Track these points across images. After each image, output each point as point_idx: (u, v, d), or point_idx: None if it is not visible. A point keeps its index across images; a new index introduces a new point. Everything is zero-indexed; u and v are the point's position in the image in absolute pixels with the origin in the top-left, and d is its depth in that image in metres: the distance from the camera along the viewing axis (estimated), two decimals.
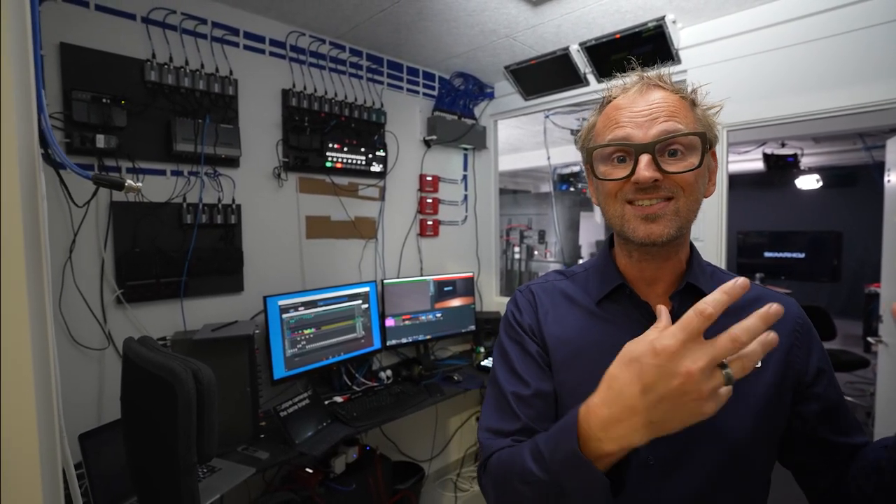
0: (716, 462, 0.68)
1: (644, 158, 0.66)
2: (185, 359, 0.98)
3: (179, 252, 1.85)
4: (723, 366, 0.48)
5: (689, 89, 0.74)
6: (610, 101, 0.74)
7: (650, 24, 2.02)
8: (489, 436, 0.74)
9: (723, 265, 2.12)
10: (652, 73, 0.74)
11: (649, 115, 0.68)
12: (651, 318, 0.69)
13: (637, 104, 0.70)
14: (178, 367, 0.91)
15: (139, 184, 0.82)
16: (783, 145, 5.12)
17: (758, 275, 6.15)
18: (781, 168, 5.20)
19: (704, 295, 0.63)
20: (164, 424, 0.93)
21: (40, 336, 0.58)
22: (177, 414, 0.89)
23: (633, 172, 0.67)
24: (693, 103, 0.73)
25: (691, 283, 0.74)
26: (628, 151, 0.68)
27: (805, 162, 5.63)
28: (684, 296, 0.74)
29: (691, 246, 0.79)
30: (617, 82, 0.76)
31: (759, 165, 5.31)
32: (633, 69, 0.77)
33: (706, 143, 0.69)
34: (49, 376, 0.61)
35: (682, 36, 2.15)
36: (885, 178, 2.78)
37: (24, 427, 0.53)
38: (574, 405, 0.60)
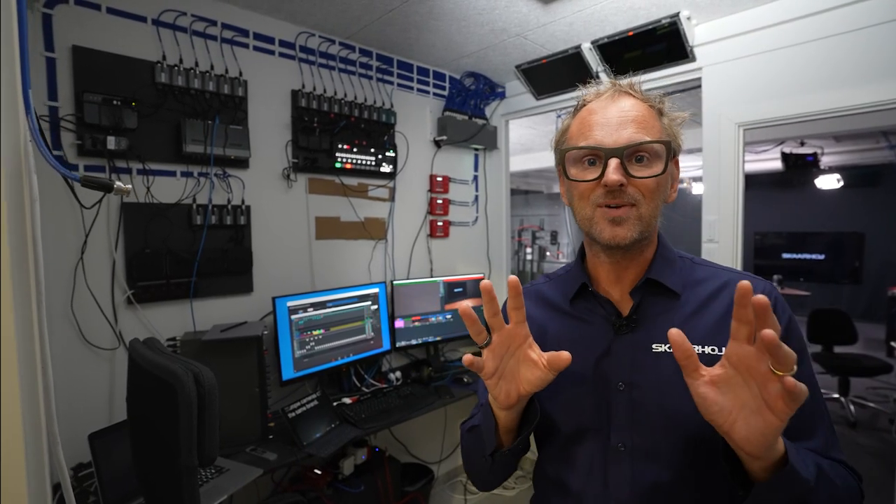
0: (679, 451, 0.71)
1: (613, 163, 0.70)
2: (187, 361, 0.98)
3: (189, 253, 1.86)
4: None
5: (657, 99, 0.77)
6: (584, 106, 0.78)
7: (664, 21, 1.98)
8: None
9: (739, 267, 2.07)
10: (624, 81, 0.78)
11: (619, 121, 0.72)
12: (616, 314, 0.79)
13: (609, 110, 0.74)
14: (179, 370, 0.90)
15: (129, 186, 0.81)
16: (802, 144, 5.00)
17: (776, 276, 6.01)
18: (800, 167, 5.07)
19: (665, 287, 0.78)
20: (165, 426, 0.92)
21: (26, 340, 0.57)
22: (178, 416, 0.89)
23: (601, 175, 0.71)
24: (661, 113, 0.76)
25: (651, 278, 0.77)
26: (599, 155, 0.72)
27: (825, 161, 5.49)
28: (645, 290, 0.78)
29: (660, 241, 0.82)
30: (591, 88, 0.80)
31: (777, 165, 5.19)
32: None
33: (670, 151, 0.73)
34: (35, 381, 0.60)
35: (696, 33, 2.10)
36: None
37: (8, 435, 0.53)
38: (551, 393, 0.78)
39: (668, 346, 0.73)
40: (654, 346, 0.75)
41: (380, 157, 2.45)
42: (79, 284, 1.63)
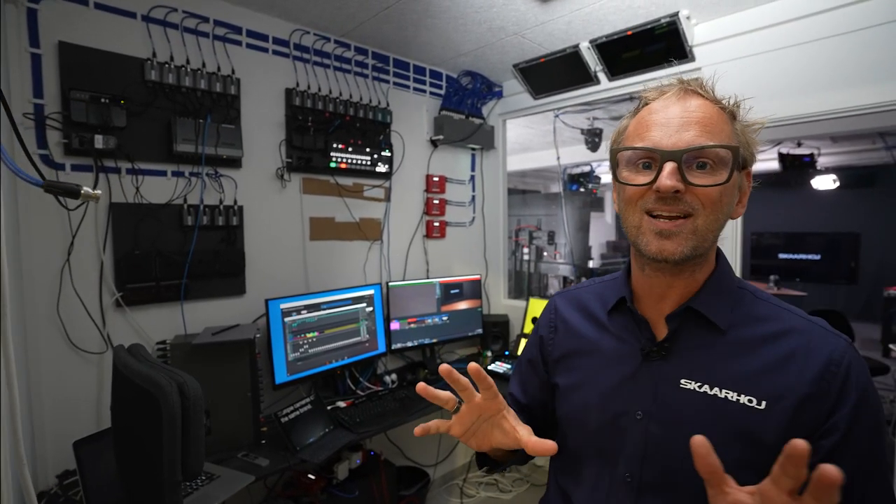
0: (692, 494, 0.63)
1: (668, 166, 0.63)
2: (172, 370, 0.94)
3: (180, 254, 1.82)
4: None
5: (732, 101, 0.70)
6: (646, 105, 0.71)
7: (663, 21, 1.95)
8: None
9: (737, 267, 2.05)
10: (693, 79, 0.70)
11: (682, 122, 0.65)
12: (650, 337, 0.73)
13: (671, 110, 0.67)
14: (162, 380, 0.87)
15: (98, 191, 0.78)
16: (799, 145, 5.00)
17: (772, 277, 6.01)
18: (797, 168, 5.08)
19: (707, 320, 0.69)
20: (148, 438, 0.89)
21: None
22: (161, 428, 0.85)
23: (655, 180, 0.64)
24: (733, 116, 0.69)
25: (693, 308, 0.69)
26: (654, 158, 0.65)
27: (822, 162, 5.49)
28: (685, 318, 0.70)
29: (718, 264, 0.73)
30: (654, 86, 0.72)
31: (774, 165, 5.19)
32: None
33: (738, 159, 0.64)
34: None
35: (696, 32, 2.07)
36: None
37: None
38: (569, 403, 0.80)
39: (699, 384, 0.67)
40: (682, 381, 0.68)
41: (375, 156, 2.42)
42: (65, 287, 1.59)
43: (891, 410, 3.92)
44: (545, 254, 5.37)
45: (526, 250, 5.30)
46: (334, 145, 2.24)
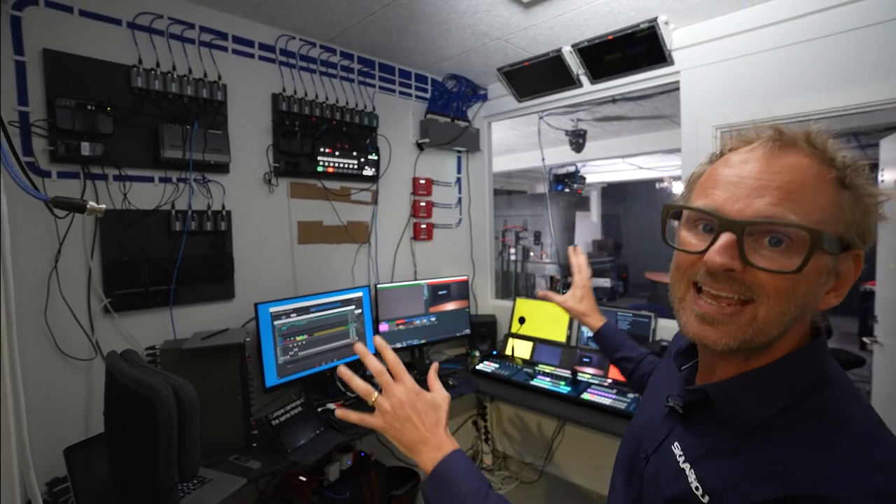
0: None
1: (724, 238, 0.52)
2: (167, 374, 0.96)
3: (168, 260, 1.83)
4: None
5: (846, 162, 0.53)
6: (722, 154, 0.60)
7: (643, 26, 2.01)
8: None
9: None
10: (799, 130, 0.54)
11: (759, 185, 0.52)
12: (680, 392, 0.65)
13: (749, 166, 0.54)
14: (158, 384, 0.89)
15: (102, 206, 0.79)
16: None
17: None
18: None
19: (717, 414, 0.57)
20: (144, 442, 0.90)
21: None
22: (157, 431, 0.87)
23: (707, 249, 0.54)
24: (842, 183, 0.52)
25: (710, 394, 0.58)
26: (714, 224, 0.54)
27: None
28: (703, 399, 0.59)
29: (802, 351, 0.56)
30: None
31: None
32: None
33: (818, 242, 0.49)
34: None
35: (674, 37, 2.13)
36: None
37: None
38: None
39: (682, 457, 0.59)
40: (675, 444, 0.61)
41: (362, 160, 2.44)
42: (53, 294, 1.59)
43: (867, 401, 4.02)
44: (531, 254, 5.43)
45: (513, 250, 5.35)
46: (321, 149, 2.26)
